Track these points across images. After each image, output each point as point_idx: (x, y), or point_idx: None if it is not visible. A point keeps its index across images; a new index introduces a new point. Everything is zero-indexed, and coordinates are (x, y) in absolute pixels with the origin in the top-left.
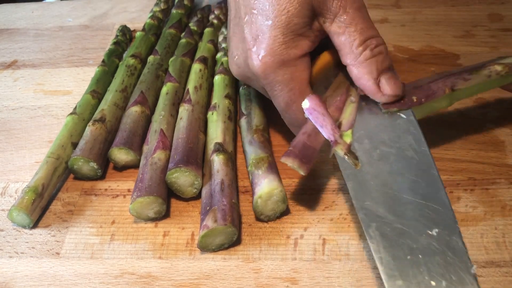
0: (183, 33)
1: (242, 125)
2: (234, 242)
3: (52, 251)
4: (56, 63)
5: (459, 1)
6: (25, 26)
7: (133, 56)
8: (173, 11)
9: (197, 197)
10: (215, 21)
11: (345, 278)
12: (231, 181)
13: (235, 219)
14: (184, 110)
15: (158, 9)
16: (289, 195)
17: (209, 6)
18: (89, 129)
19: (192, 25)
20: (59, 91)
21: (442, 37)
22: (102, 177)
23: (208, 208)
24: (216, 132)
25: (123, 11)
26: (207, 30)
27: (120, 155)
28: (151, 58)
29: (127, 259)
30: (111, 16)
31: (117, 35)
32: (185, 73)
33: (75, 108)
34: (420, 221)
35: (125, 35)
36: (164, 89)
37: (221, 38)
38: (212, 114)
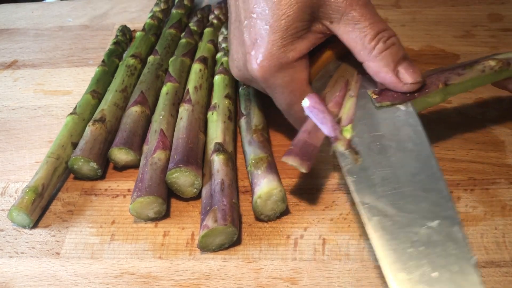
0: (183, 33)
1: (241, 125)
2: (234, 242)
3: (52, 251)
4: (56, 63)
5: (459, 1)
6: (25, 26)
7: (133, 56)
8: (173, 11)
9: (197, 197)
10: (215, 21)
11: (345, 278)
12: (231, 181)
13: (235, 219)
14: (184, 110)
15: (158, 9)
16: (289, 195)
17: (209, 6)
18: (89, 129)
19: (192, 25)
20: (59, 91)
21: (442, 37)
22: (102, 177)
23: (208, 208)
24: (216, 132)
25: (123, 11)
26: (207, 30)
27: (120, 155)
28: (151, 58)
29: (127, 259)
30: (111, 16)
31: (117, 35)
32: (185, 73)
33: (75, 108)
34: (420, 213)
35: (125, 35)
36: (164, 89)
37: (221, 38)
38: (212, 114)
